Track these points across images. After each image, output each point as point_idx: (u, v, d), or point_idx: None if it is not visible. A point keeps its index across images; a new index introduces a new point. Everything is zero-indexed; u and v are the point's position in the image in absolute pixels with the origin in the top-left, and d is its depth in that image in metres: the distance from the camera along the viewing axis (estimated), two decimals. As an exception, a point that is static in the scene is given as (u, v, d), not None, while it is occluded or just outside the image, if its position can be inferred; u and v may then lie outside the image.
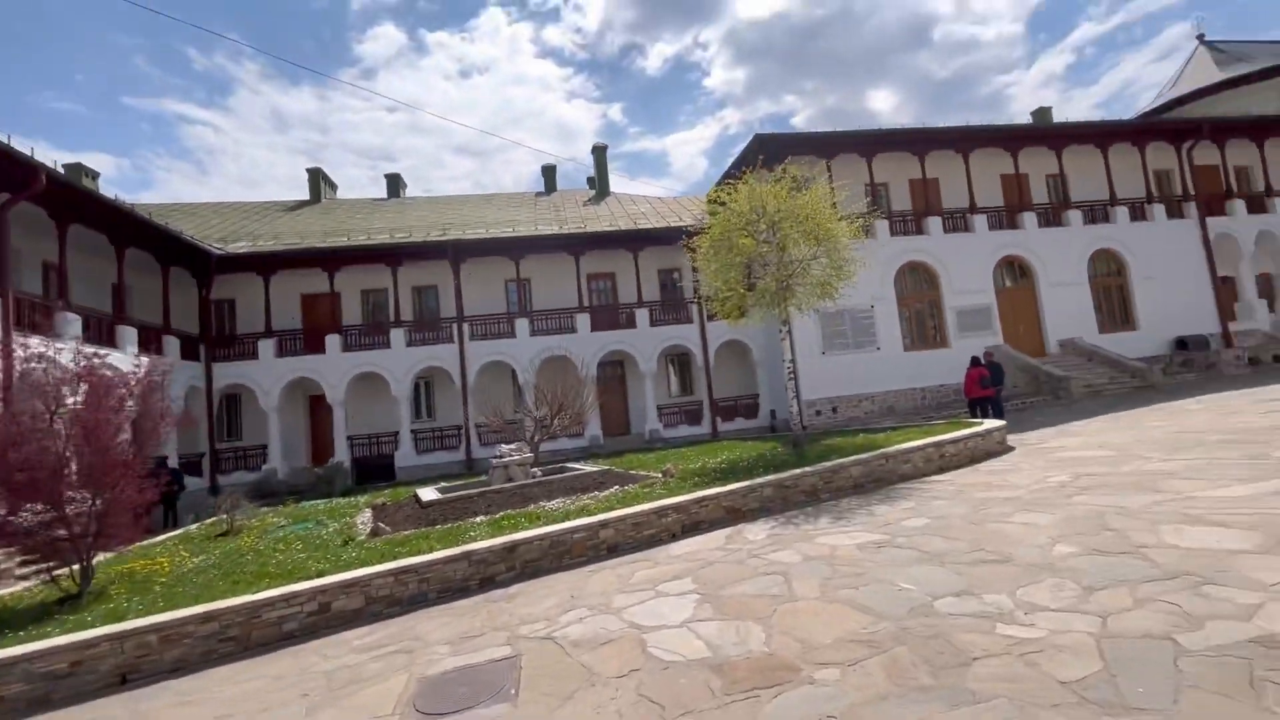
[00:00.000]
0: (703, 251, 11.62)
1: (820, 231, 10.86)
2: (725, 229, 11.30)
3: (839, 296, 11.51)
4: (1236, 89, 25.18)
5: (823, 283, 11.17)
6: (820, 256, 11.16)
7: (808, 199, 10.95)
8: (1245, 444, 7.53)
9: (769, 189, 11.12)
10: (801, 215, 10.88)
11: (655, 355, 19.91)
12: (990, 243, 19.24)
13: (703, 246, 11.57)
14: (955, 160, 19.93)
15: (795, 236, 10.82)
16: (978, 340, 18.48)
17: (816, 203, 10.94)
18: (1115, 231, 19.97)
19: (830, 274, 11.29)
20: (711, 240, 11.49)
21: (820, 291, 11.24)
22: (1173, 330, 19.64)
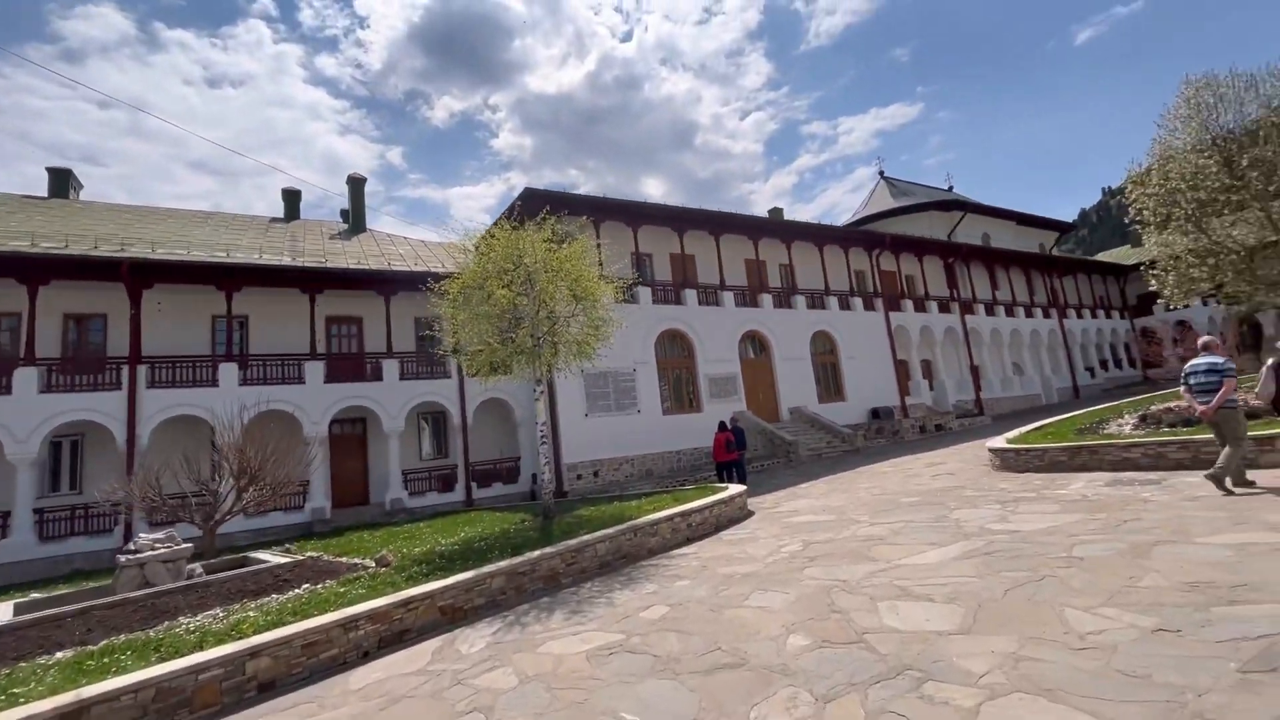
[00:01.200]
0: (451, 298, 10.35)
1: (579, 288, 10.40)
2: (480, 277, 10.24)
3: (595, 357, 11.06)
4: (906, 215, 32.52)
5: (580, 341, 10.63)
6: (579, 314, 10.67)
7: (568, 253, 10.47)
8: (928, 505, 8.51)
9: (528, 237, 10.41)
10: (561, 269, 10.34)
11: (404, 413, 17.58)
12: (737, 318, 21.18)
13: (452, 292, 10.30)
14: (709, 241, 21.87)
15: (553, 291, 10.17)
16: (726, 406, 19.87)
17: (577, 258, 10.50)
18: (829, 316, 23.57)
19: (588, 333, 10.85)
20: (462, 286, 10.30)
21: (577, 350, 10.67)
22: (870, 402, 23.50)
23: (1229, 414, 6.55)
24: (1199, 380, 6.76)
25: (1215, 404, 6.50)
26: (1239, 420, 6.60)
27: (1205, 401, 6.62)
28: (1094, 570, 4.77)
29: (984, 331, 28.89)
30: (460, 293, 10.22)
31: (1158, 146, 15.79)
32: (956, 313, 28.10)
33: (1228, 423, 6.56)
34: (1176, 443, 8.63)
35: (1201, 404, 6.66)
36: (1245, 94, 14.47)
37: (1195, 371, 6.83)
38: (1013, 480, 9.67)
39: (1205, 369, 6.72)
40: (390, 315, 18.21)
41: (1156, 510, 6.35)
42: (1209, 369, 6.69)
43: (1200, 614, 3.70)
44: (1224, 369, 6.59)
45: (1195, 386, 6.80)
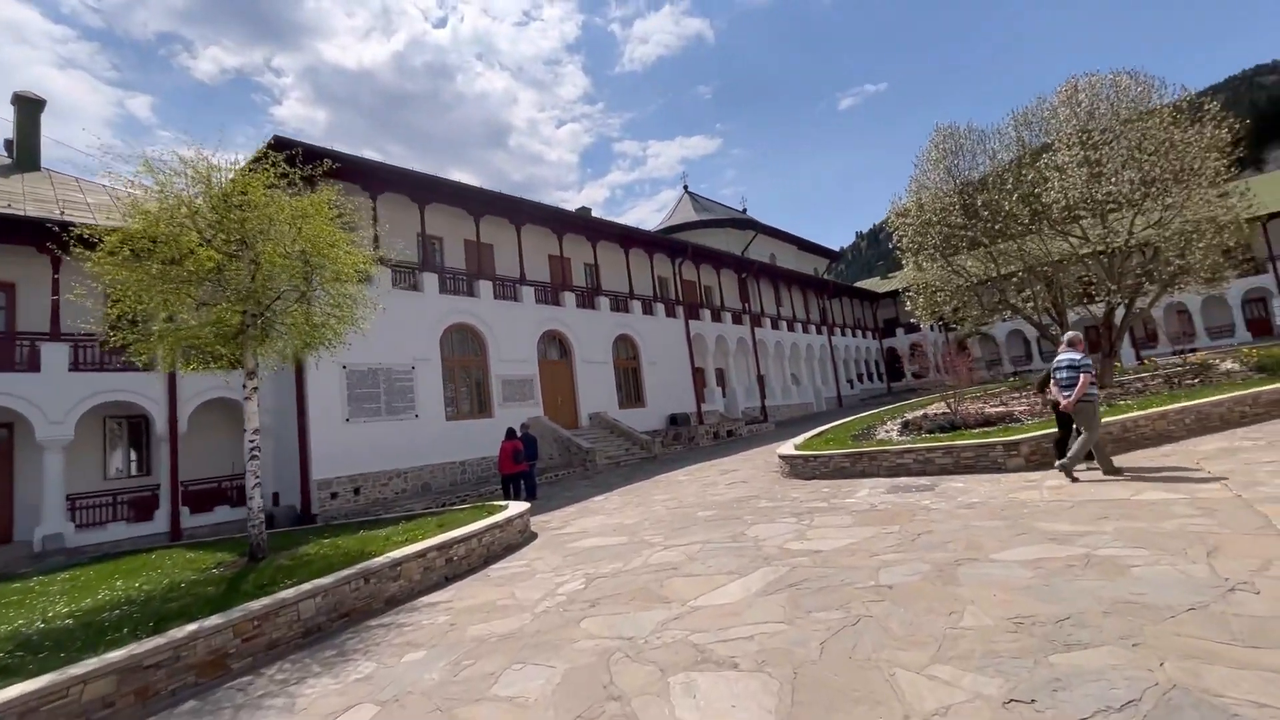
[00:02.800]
0: (113, 253, 7.17)
1: (316, 253, 7.95)
2: (166, 229, 7.26)
3: (338, 347, 8.66)
4: (706, 229, 33.91)
5: (314, 325, 8.16)
6: (317, 289, 8.20)
7: (304, 205, 7.97)
8: (725, 520, 7.74)
9: (241, 180, 7.71)
10: (291, 224, 7.81)
11: (75, 416, 12.90)
12: (537, 315, 19.59)
13: (109, 244, 7.13)
14: (509, 231, 20.01)
15: (276, 253, 7.60)
16: (521, 410, 18.14)
17: (315, 213, 8.03)
18: (632, 321, 23.12)
19: (329, 314, 8.42)
20: (132, 237, 7.20)
21: (309, 336, 8.19)
22: (669, 408, 23.51)
23: (1086, 406, 6.88)
24: (1062, 375, 7.10)
25: (1075, 398, 6.81)
26: (1095, 413, 6.95)
27: (1068, 395, 6.93)
28: (908, 604, 4.03)
29: (770, 344, 31.06)
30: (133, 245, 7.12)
31: (914, 184, 17.82)
32: (748, 324, 29.77)
33: (1083, 415, 6.90)
34: (941, 448, 9.02)
35: (1064, 397, 6.98)
36: (977, 147, 16.88)
37: (1059, 367, 7.17)
38: (803, 488, 9.43)
39: (1067, 365, 7.06)
40: (60, 283, 13.31)
41: (941, 519, 6.13)
42: (1070, 365, 7.03)
43: (1043, 669, 2.97)
44: (1081, 365, 6.95)
45: (1059, 380, 7.13)
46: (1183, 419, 8.99)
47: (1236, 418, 9.27)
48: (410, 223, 17.48)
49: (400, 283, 16.43)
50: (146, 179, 7.40)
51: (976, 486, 7.50)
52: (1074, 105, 14.52)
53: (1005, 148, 16.19)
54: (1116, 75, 14.29)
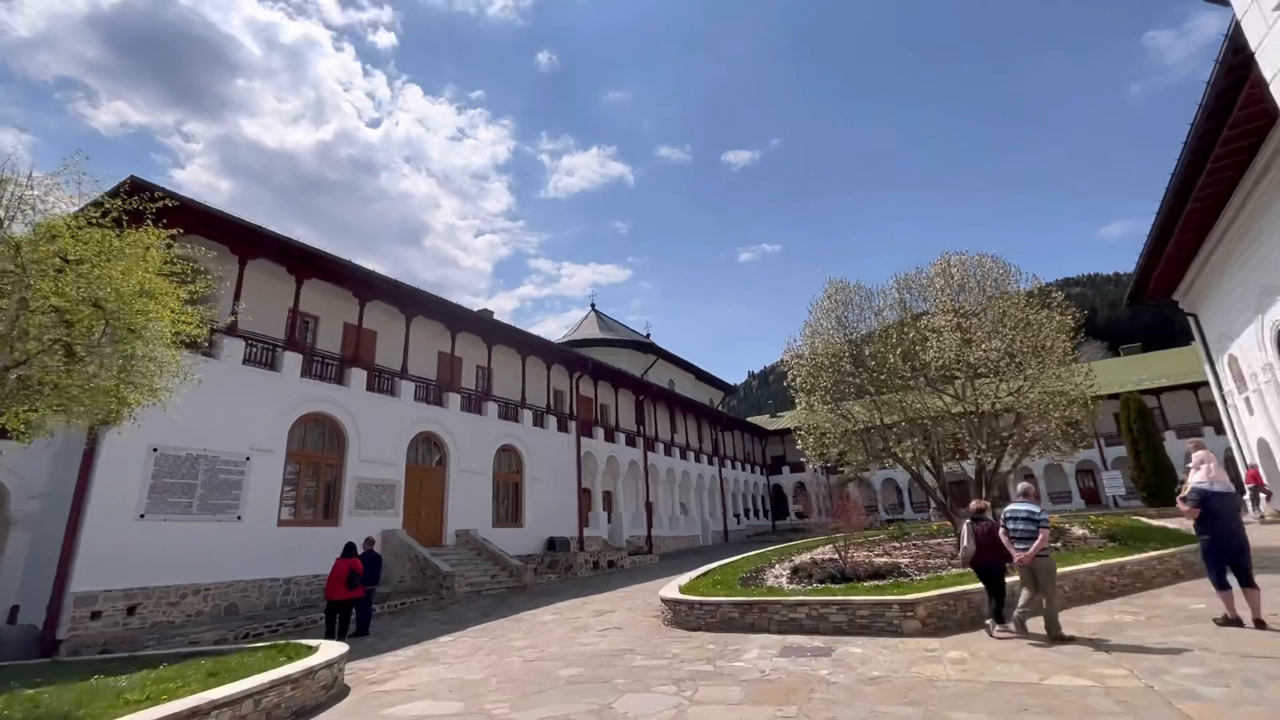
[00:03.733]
0: None
1: (116, 303, 6.36)
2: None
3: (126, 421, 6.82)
4: (609, 347, 33.92)
5: (94, 390, 6.37)
6: (106, 344, 6.50)
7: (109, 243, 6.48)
8: (591, 684, 6.31)
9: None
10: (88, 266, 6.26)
11: None
12: (413, 413, 17.73)
13: None
14: (398, 321, 18.60)
15: (52, 294, 5.96)
16: (375, 521, 15.75)
17: (128, 256, 6.54)
18: (520, 431, 21.65)
19: (124, 377, 6.66)
20: None
21: (79, 403, 6.35)
22: (548, 530, 21.57)
23: (1045, 562, 6.59)
24: (1017, 527, 6.78)
25: (1032, 553, 6.51)
26: (1052, 569, 6.65)
27: (1022, 548, 6.61)
28: None
29: (661, 469, 30.31)
30: None
31: (808, 329, 18.68)
32: (641, 447, 29.03)
33: (1042, 571, 6.58)
34: (835, 604, 8.24)
35: (1019, 549, 6.65)
36: (865, 303, 18.16)
37: (1015, 518, 6.86)
38: (685, 641, 8.18)
39: (1024, 516, 6.77)
40: None
41: (844, 700, 5.16)
42: (1027, 517, 6.75)
43: None
44: (1040, 519, 6.69)
45: (1014, 532, 6.78)
46: (1062, 586, 8.87)
47: (1107, 587, 9.31)
48: (284, 296, 15.74)
49: (255, 359, 14.32)
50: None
51: (876, 654, 6.66)
52: (947, 277, 16.08)
53: (889, 306, 17.47)
54: (981, 257, 16.13)
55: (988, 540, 6.98)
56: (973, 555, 7.07)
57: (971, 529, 7.16)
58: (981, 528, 7.13)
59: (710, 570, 13.69)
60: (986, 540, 6.99)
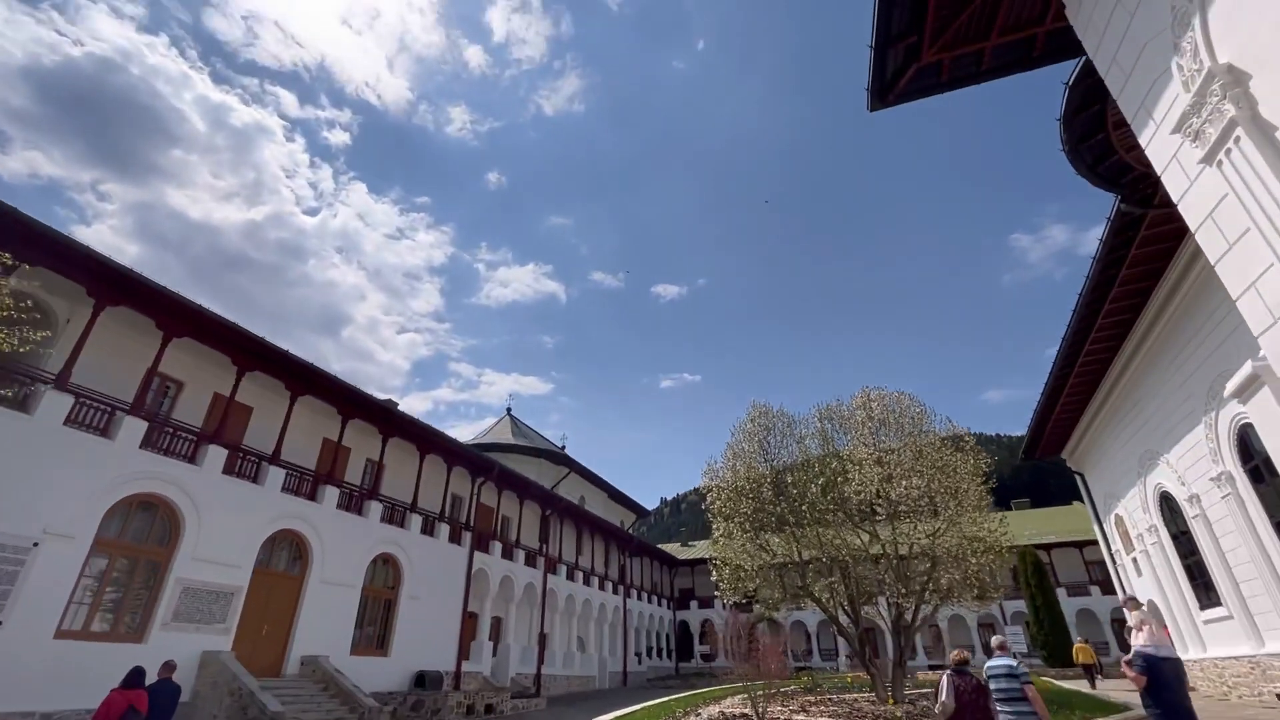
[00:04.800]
0: None
1: None
2: None
3: None
4: (520, 455, 31.92)
5: None
6: None
7: None
8: None
9: None
10: None
11: None
12: (276, 506, 15.10)
13: None
14: (281, 397, 16.44)
15: None
16: (196, 639, 12.70)
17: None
18: (404, 538, 19.00)
19: None
20: None
21: None
22: (419, 661, 18.35)
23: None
24: (999, 686, 6.19)
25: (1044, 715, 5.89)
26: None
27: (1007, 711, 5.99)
28: None
29: (561, 595, 27.50)
30: None
31: (730, 451, 18.06)
32: (542, 568, 26.37)
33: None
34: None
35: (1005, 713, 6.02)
36: (788, 430, 17.89)
37: (995, 675, 6.28)
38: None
39: (1005, 673, 6.21)
40: None
41: None
42: (1008, 673, 6.18)
43: None
44: (1022, 675, 6.16)
45: (998, 693, 6.18)
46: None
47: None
48: (145, 352, 13.53)
49: (84, 420, 11.84)
50: None
51: None
52: (868, 410, 16.14)
53: (811, 435, 17.23)
54: (900, 394, 16.41)
55: (971, 700, 5.95)
56: (952, 713, 6.00)
57: (952, 683, 6.12)
58: (965, 683, 6.13)
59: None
60: (970, 700, 5.96)
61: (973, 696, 6.06)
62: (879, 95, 9.36)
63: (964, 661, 6.51)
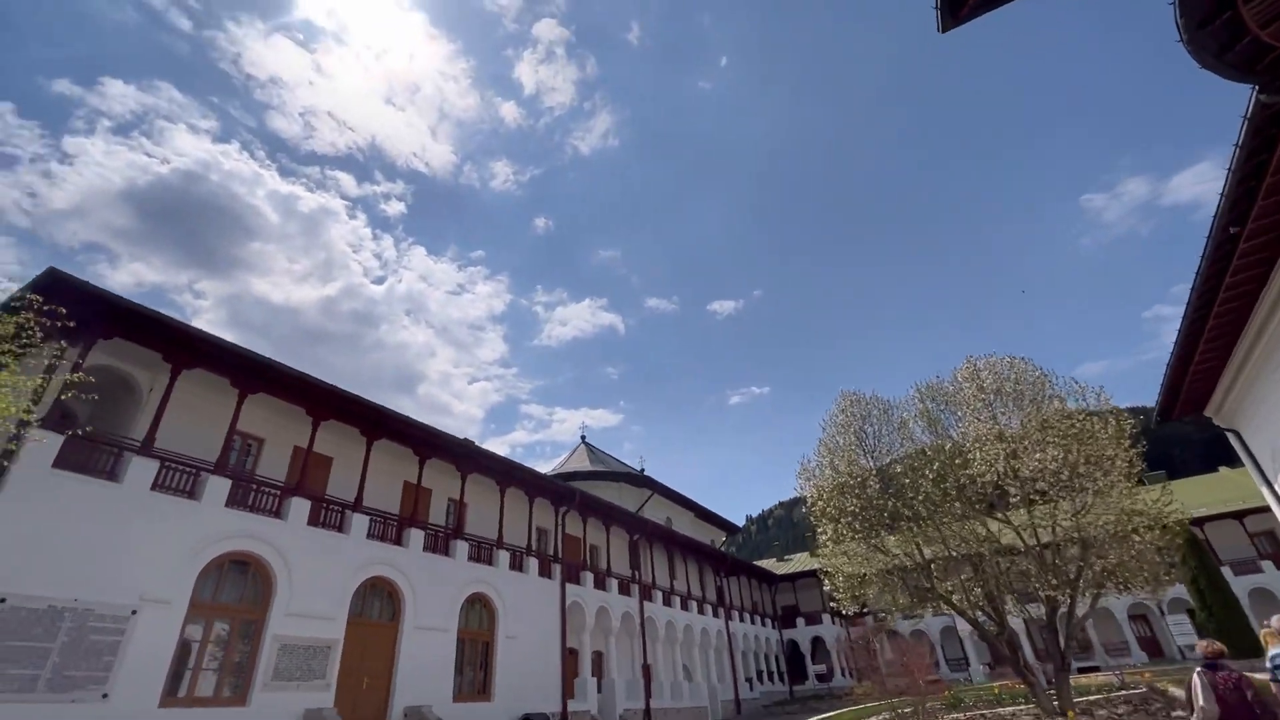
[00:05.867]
0: None
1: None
2: None
3: None
4: (601, 481, 31.19)
5: None
6: None
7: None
8: None
9: None
10: None
11: None
12: (363, 554, 14.82)
13: None
14: (358, 445, 16.36)
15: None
16: (297, 697, 12.35)
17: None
18: (494, 576, 18.43)
19: None
20: None
21: None
22: (524, 704, 17.54)
23: None
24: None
25: None
26: None
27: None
28: None
29: (660, 622, 26.22)
30: None
31: (823, 447, 16.54)
32: (637, 596, 25.25)
33: None
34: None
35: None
36: (884, 416, 16.19)
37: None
38: None
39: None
40: None
41: None
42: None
43: None
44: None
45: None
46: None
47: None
48: (224, 412, 13.65)
49: (170, 484, 11.89)
50: None
51: None
52: (978, 381, 14.32)
53: (913, 418, 15.48)
54: (1013, 360, 14.50)
55: (1238, 701, 4.49)
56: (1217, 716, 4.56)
57: (1208, 682, 4.67)
58: (1224, 680, 4.67)
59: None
60: (1236, 697, 4.51)
61: (1237, 695, 4.55)
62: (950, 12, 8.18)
63: (1218, 654, 4.98)
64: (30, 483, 9.90)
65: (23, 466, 9.92)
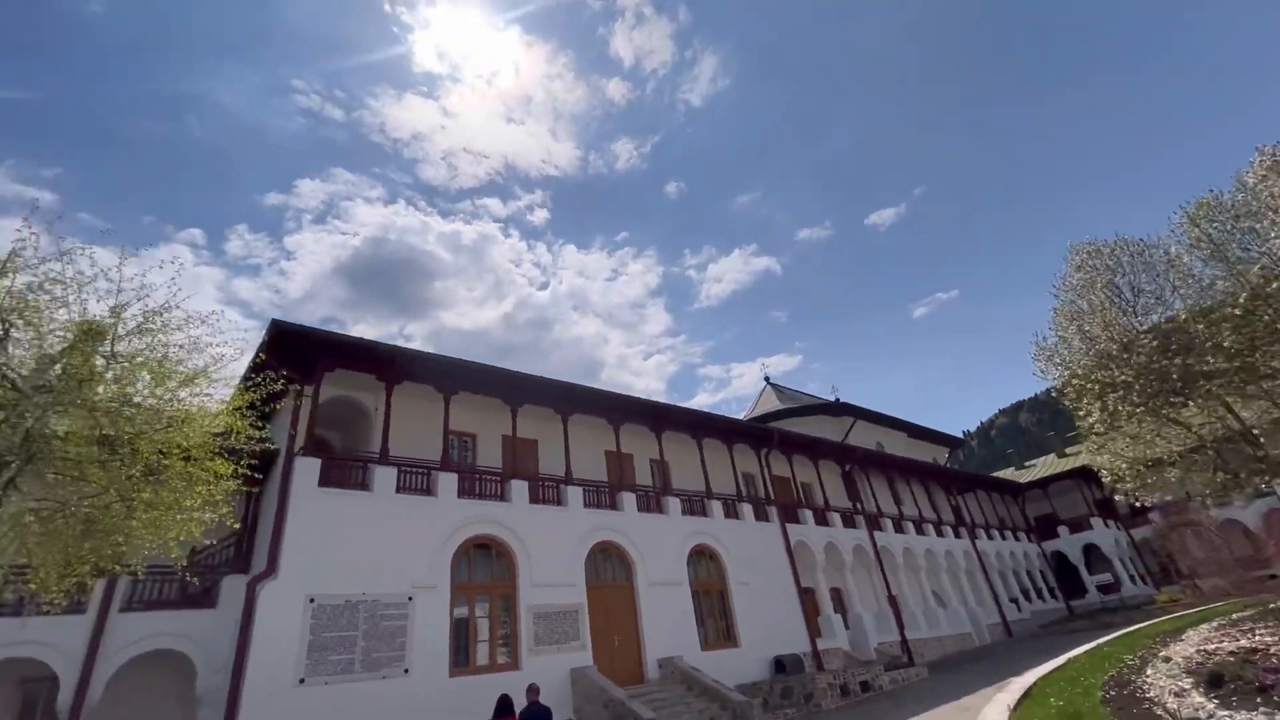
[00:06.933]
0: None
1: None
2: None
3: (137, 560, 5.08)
4: (795, 417, 29.80)
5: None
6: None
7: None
8: None
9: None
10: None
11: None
12: (586, 522, 15.41)
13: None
14: (554, 423, 17.00)
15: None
16: (559, 659, 13.17)
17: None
18: (712, 526, 18.26)
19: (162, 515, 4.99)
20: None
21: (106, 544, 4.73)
22: (771, 647, 17.22)
23: None
24: None
25: None
26: None
27: None
28: None
29: (895, 551, 24.37)
30: None
31: (1061, 315, 13.59)
32: (864, 527, 23.70)
33: None
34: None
35: None
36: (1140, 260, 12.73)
37: None
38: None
39: None
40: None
41: None
42: None
43: None
44: None
45: None
46: None
47: None
48: (436, 416, 14.88)
49: (409, 485, 13.22)
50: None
51: None
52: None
53: (1186, 250, 11.92)
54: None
55: None
56: None
57: None
58: None
59: (1030, 686, 8.78)
60: None
61: None
62: None
63: None
64: (306, 500, 11.51)
65: (298, 490, 11.55)
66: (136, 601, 11.27)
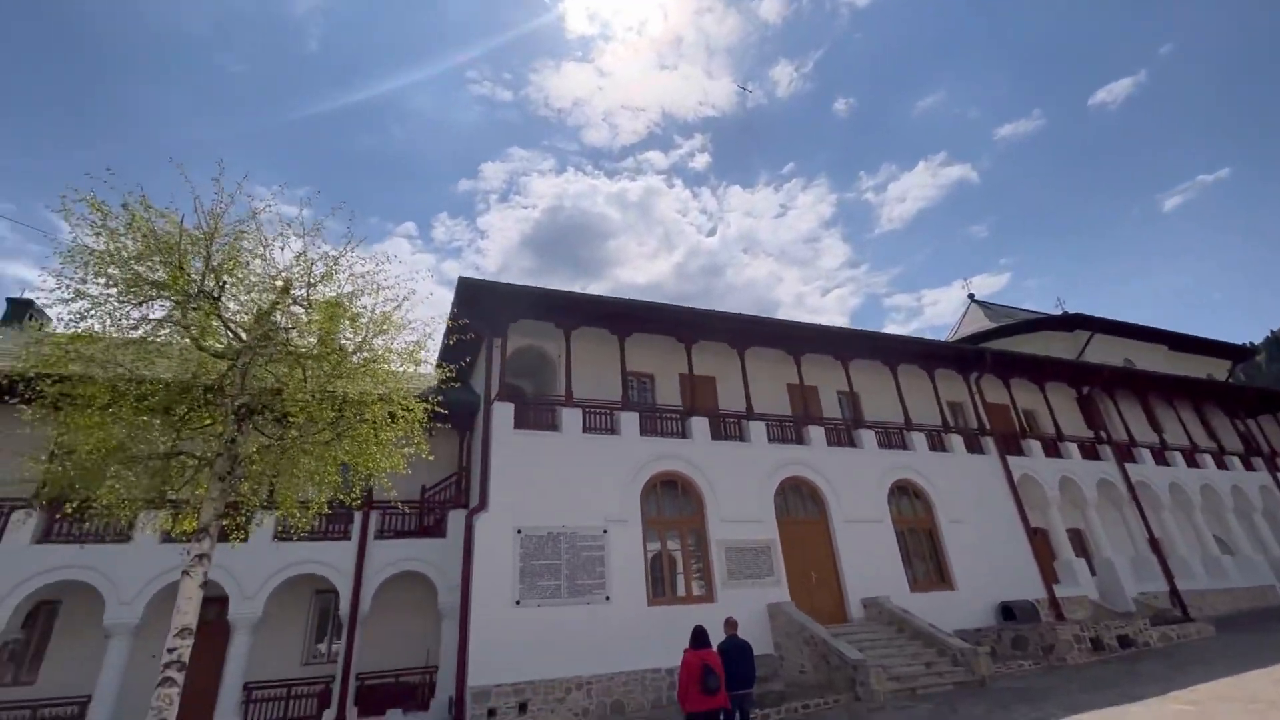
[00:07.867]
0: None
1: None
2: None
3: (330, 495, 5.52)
4: (1010, 336, 25.69)
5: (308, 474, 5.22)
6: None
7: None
8: None
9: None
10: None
11: (267, 591, 12.06)
12: (772, 458, 14.77)
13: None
14: (732, 359, 16.41)
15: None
16: (754, 593, 12.94)
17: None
18: (914, 460, 16.49)
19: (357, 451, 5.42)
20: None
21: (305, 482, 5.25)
22: (996, 592, 15.30)
23: None
24: None
25: None
26: None
27: None
28: None
29: (1157, 486, 20.12)
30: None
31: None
32: (1111, 459, 19.86)
33: None
34: None
35: None
36: None
37: None
38: None
39: None
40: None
41: None
42: None
43: None
44: None
45: None
46: None
47: None
48: (609, 358, 15.13)
49: (594, 425, 13.66)
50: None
51: None
52: None
53: None
54: None
55: None
56: None
57: None
58: None
59: None
60: None
61: None
62: None
63: None
64: (505, 441, 12.42)
65: (498, 432, 12.50)
66: (387, 531, 13.29)
